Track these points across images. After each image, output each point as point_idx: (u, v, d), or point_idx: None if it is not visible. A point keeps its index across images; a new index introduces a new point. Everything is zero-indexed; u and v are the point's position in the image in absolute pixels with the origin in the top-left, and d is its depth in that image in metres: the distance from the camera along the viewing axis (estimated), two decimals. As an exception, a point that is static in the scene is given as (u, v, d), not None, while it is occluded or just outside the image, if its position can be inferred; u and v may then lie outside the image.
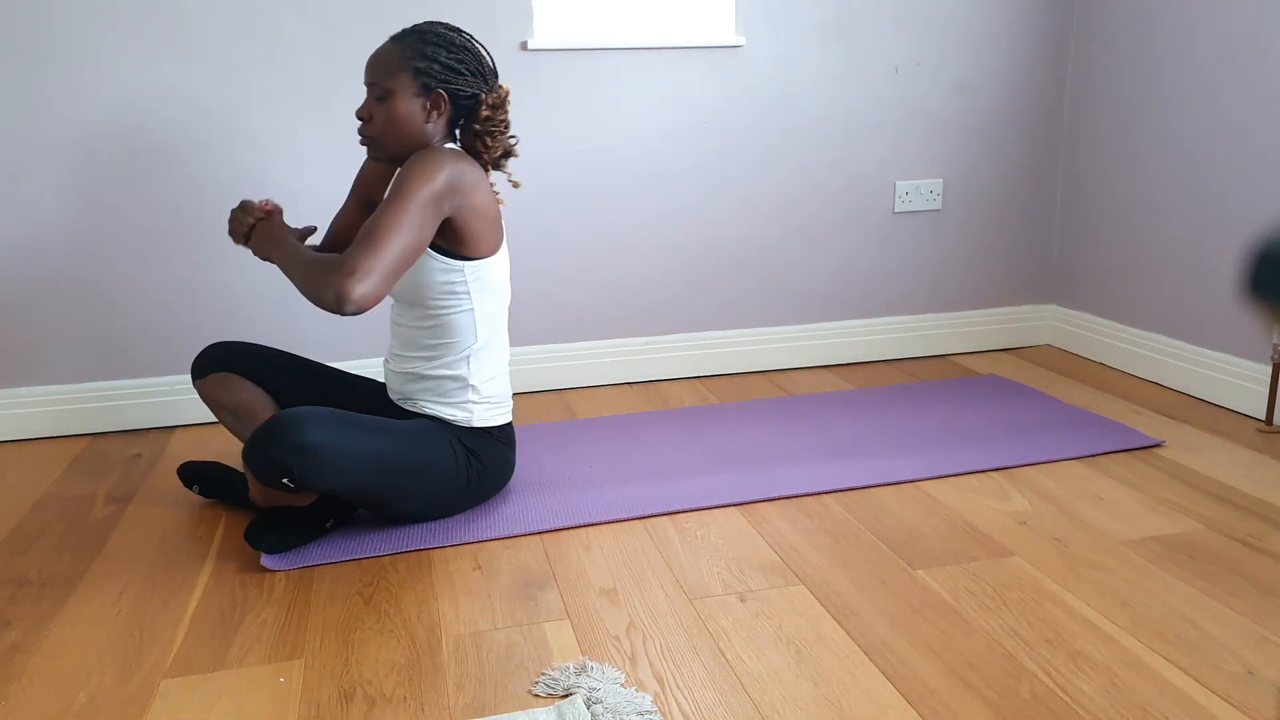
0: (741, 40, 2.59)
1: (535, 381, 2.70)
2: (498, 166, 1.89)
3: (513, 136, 1.90)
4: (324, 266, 1.62)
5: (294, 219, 2.45)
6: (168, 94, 2.32)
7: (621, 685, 1.37)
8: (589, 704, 1.31)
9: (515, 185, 1.91)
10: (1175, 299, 2.57)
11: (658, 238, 2.69)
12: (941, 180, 2.84)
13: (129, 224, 2.37)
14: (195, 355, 2.36)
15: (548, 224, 2.61)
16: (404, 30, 1.78)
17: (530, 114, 2.52)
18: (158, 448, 2.36)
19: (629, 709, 1.30)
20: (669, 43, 2.55)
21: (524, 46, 2.48)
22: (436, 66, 1.75)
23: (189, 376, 2.49)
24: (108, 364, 2.44)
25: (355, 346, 2.57)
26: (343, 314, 1.61)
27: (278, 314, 2.50)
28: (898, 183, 2.81)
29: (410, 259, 1.66)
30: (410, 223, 1.65)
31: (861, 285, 2.87)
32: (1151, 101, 2.58)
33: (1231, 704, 1.30)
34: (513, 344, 2.66)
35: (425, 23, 1.79)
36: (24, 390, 2.41)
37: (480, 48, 1.82)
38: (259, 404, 1.93)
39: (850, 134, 2.75)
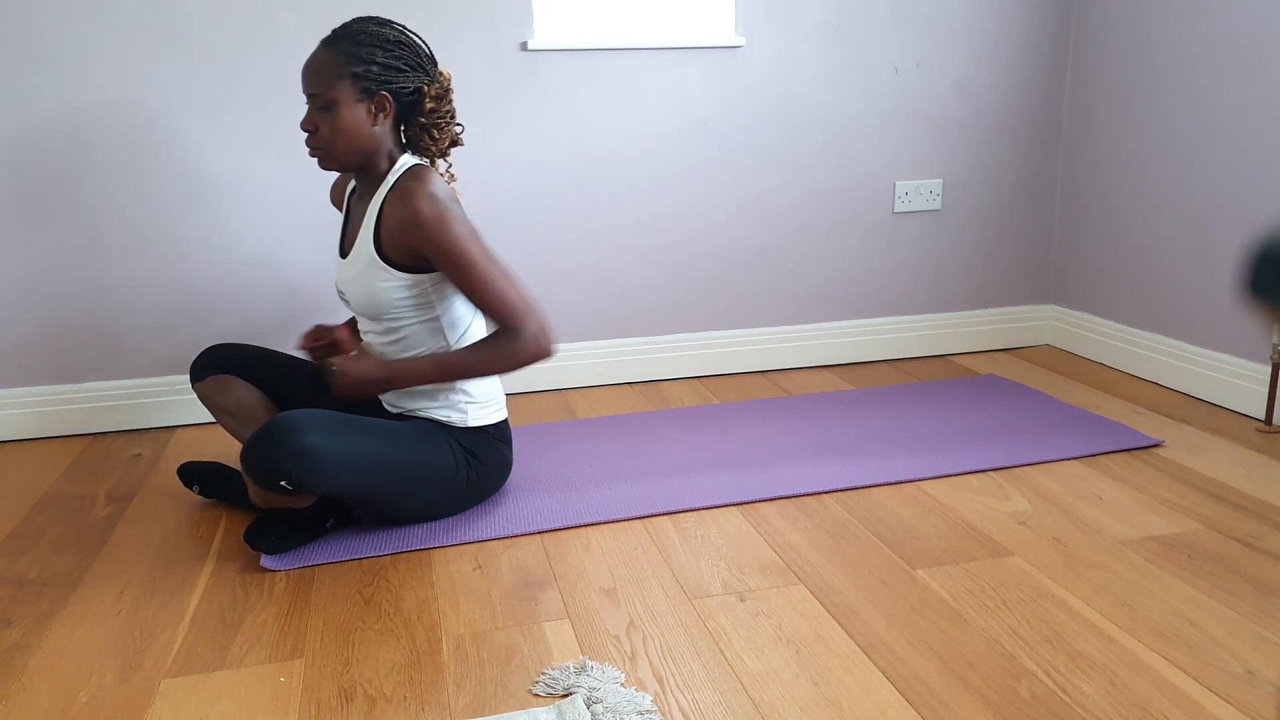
0: (741, 40, 2.59)
1: (535, 381, 2.70)
2: (443, 156, 1.86)
3: (459, 124, 1.87)
4: (499, 353, 1.74)
5: (292, 220, 2.45)
6: (167, 93, 2.32)
7: (621, 685, 1.37)
8: (589, 703, 1.32)
9: (452, 178, 1.87)
10: (1175, 299, 2.57)
11: (657, 238, 2.69)
12: (941, 180, 2.84)
13: (129, 223, 2.37)
14: (194, 356, 2.36)
15: (547, 224, 2.61)
16: (334, 33, 1.72)
17: (530, 114, 2.53)
18: (158, 448, 2.36)
19: (629, 708, 1.30)
20: (669, 43, 2.55)
21: (524, 46, 2.48)
22: (375, 68, 1.70)
23: (189, 377, 2.49)
24: (108, 364, 2.45)
25: (355, 346, 2.58)
26: (546, 359, 1.83)
27: (277, 315, 2.50)
28: (898, 183, 2.81)
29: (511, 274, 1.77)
30: (488, 261, 1.72)
31: (861, 285, 2.87)
32: (1151, 101, 2.58)
33: (1231, 704, 1.30)
34: (513, 344, 2.66)
35: (355, 20, 1.73)
36: (24, 390, 2.41)
37: (415, 38, 1.77)
38: (257, 406, 1.93)
39: (850, 134, 2.75)
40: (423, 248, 1.71)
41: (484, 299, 1.72)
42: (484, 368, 1.74)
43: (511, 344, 1.73)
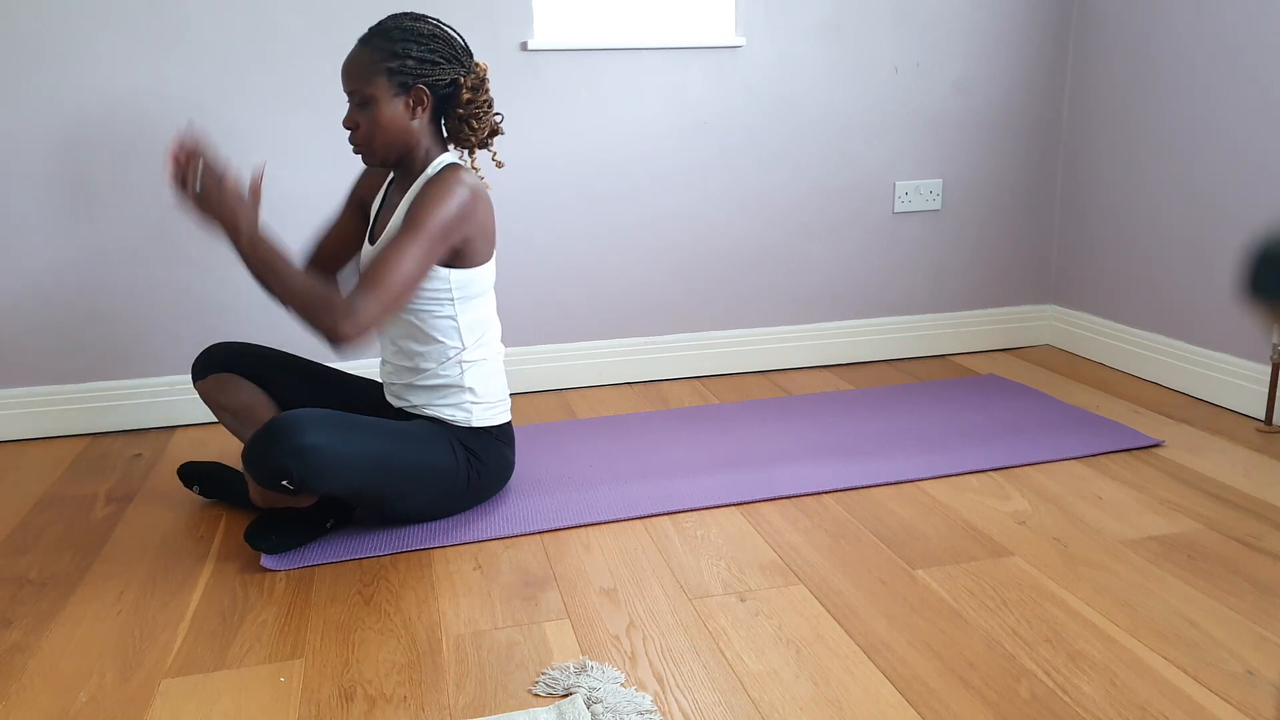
0: (741, 40, 2.59)
1: (535, 381, 2.70)
2: (484, 146, 1.89)
3: (498, 114, 1.89)
4: (323, 302, 1.61)
5: (292, 220, 2.45)
6: (167, 93, 2.32)
7: (621, 685, 1.37)
8: (589, 703, 1.32)
9: (499, 165, 1.89)
10: (1175, 299, 2.57)
11: (658, 238, 2.69)
12: (941, 180, 2.84)
13: (129, 223, 2.37)
14: (196, 355, 2.37)
15: (547, 224, 2.61)
16: (369, 31, 1.77)
17: (530, 114, 2.53)
18: (158, 448, 2.36)
19: (629, 708, 1.30)
20: (669, 43, 2.55)
21: (524, 46, 2.48)
22: (410, 62, 1.74)
23: (189, 377, 2.49)
24: (108, 364, 2.45)
25: (355, 346, 2.58)
26: (332, 349, 1.65)
27: (277, 314, 2.50)
28: (898, 183, 2.81)
29: (410, 294, 1.69)
30: (416, 258, 1.68)
31: (861, 285, 2.87)
32: (1151, 101, 2.58)
33: (1231, 704, 1.30)
34: (513, 344, 2.67)
35: (388, 18, 1.77)
36: (24, 390, 2.41)
37: (449, 31, 1.80)
38: (259, 405, 1.94)
39: (850, 134, 2.75)
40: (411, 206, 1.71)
41: (377, 258, 1.67)
42: (294, 296, 1.61)
43: (335, 304, 1.61)
